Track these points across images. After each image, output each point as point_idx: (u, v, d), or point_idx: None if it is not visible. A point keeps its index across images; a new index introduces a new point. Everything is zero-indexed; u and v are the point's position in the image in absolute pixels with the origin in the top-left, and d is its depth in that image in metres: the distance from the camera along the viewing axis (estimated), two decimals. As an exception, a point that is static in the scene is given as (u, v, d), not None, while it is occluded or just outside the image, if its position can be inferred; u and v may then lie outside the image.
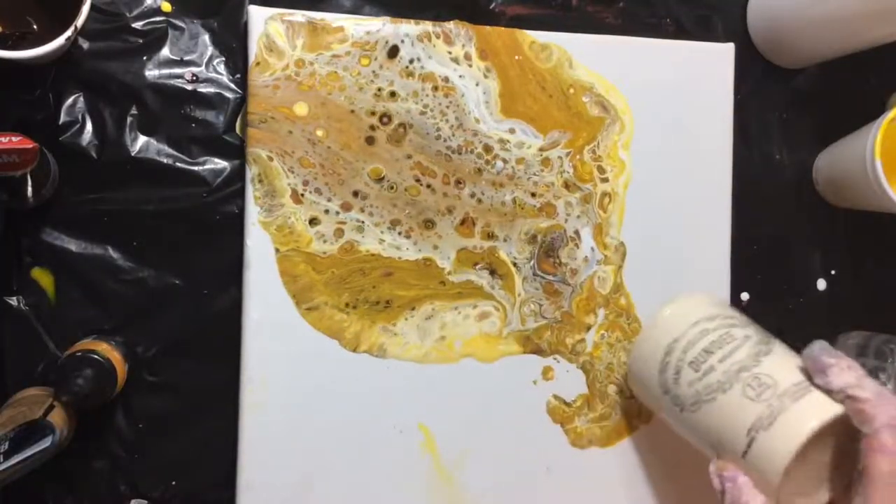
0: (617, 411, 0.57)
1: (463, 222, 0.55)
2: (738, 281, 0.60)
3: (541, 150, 0.56)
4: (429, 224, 0.54)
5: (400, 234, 0.54)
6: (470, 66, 0.55)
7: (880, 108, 0.62)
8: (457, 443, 0.55)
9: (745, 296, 0.61)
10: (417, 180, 0.54)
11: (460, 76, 0.55)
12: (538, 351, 0.56)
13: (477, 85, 0.55)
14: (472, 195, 0.55)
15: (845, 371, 0.43)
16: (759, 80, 0.61)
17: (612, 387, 0.57)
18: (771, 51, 0.61)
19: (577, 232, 0.57)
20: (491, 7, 0.57)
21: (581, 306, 0.57)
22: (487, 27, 0.55)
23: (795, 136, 0.62)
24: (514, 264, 0.56)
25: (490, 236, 0.55)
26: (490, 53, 0.55)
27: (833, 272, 0.63)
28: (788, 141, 0.62)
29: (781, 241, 0.62)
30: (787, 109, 0.62)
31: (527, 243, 0.56)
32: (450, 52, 0.55)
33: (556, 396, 0.56)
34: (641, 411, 0.57)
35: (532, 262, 0.56)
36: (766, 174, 0.62)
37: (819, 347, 0.44)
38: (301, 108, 0.53)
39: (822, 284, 0.62)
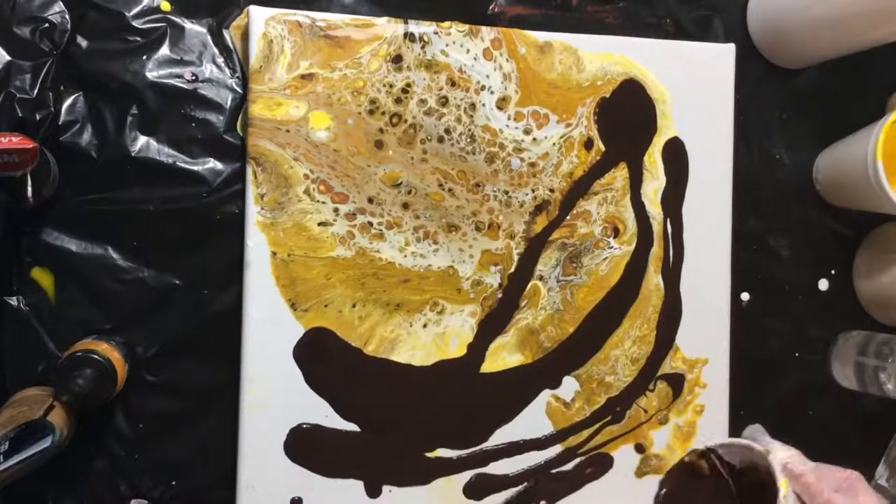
0: (622, 407, 0.57)
1: (490, 226, 0.55)
2: (739, 281, 0.59)
3: (562, 136, 0.55)
4: (452, 228, 0.54)
5: (423, 240, 0.54)
6: (482, 40, 0.54)
7: (880, 108, 0.62)
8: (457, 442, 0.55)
9: (745, 296, 0.61)
10: (441, 185, 0.54)
11: (475, 58, 0.54)
12: (542, 356, 0.56)
13: (494, 70, 0.54)
14: (494, 197, 0.55)
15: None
16: (759, 80, 0.61)
17: (608, 377, 0.57)
18: (771, 51, 0.61)
19: (604, 233, 0.56)
20: (490, 8, 0.57)
21: (583, 295, 0.57)
22: (487, 27, 0.55)
23: (795, 136, 0.62)
24: (541, 277, 0.56)
25: (512, 236, 0.55)
26: (500, 34, 0.55)
27: (833, 272, 0.63)
28: (788, 141, 0.62)
29: (781, 241, 0.62)
30: (787, 109, 0.62)
31: (556, 249, 0.56)
32: (461, 31, 0.54)
33: (556, 397, 0.56)
34: (646, 410, 0.57)
35: (557, 270, 0.56)
36: (766, 174, 0.61)
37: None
38: (303, 110, 0.52)
39: (822, 284, 0.62)
